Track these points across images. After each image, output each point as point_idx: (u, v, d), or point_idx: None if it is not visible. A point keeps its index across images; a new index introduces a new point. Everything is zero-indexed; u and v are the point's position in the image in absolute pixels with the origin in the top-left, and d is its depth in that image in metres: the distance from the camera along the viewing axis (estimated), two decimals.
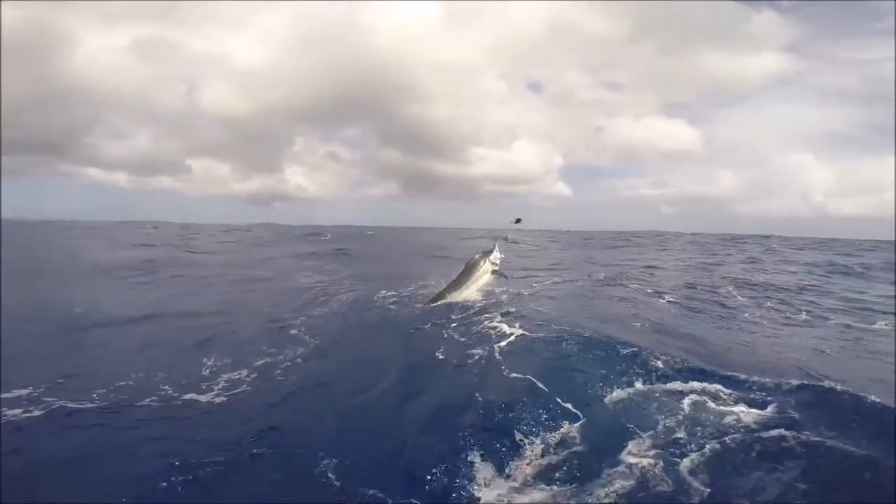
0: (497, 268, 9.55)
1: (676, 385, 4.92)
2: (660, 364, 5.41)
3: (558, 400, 4.70)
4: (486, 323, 7.29)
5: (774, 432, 4.01)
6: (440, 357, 6.03)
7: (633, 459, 3.62)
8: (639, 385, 4.91)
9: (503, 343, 6.23)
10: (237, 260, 20.04)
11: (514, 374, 5.31)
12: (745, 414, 4.31)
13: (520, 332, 6.81)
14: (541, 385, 5.03)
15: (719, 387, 4.90)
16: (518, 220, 10.15)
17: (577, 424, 4.28)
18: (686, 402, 4.56)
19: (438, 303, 9.15)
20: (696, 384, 4.91)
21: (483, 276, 9.50)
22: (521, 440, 4.09)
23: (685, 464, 3.59)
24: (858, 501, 3.33)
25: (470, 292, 9.48)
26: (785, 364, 6.23)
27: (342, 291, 11.57)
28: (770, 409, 4.41)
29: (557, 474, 3.56)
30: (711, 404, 4.51)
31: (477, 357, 5.90)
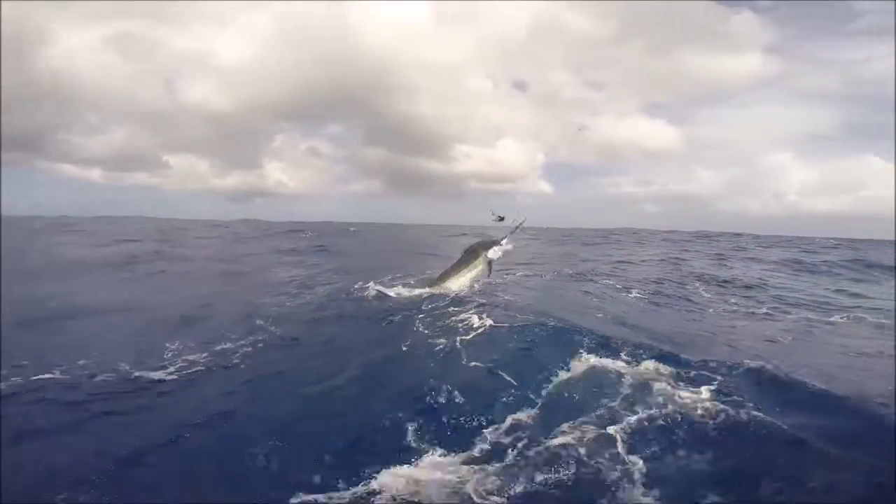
0: (493, 259, 9.69)
1: (628, 368, 5.20)
2: (616, 350, 5.69)
3: (513, 386, 4.93)
4: (455, 315, 7.52)
5: (714, 411, 4.32)
6: (404, 348, 6.20)
7: (575, 440, 3.87)
8: (592, 369, 5.17)
9: (469, 335, 6.44)
10: (216, 255, 19.92)
11: (473, 363, 5.51)
12: (690, 394, 4.61)
13: (489, 322, 7.04)
14: (498, 372, 5.25)
15: (671, 369, 5.21)
16: (501, 218, 10.21)
17: (527, 409, 4.50)
18: (634, 383, 4.84)
19: (431, 291, 9.34)
20: (648, 367, 5.22)
21: (479, 266, 9.68)
22: (469, 423, 4.30)
23: (624, 440, 3.85)
24: (786, 474, 3.63)
25: (464, 281, 9.68)
26: (737, 352, 6.59)
27: (319, 284, 11.68)
28: (713, 390, 4.72)
29: (503, 456, 3.76)
30: (661, 385, 4.79)
31: (441, 347, 6.09)
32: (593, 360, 5.38)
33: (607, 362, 5.33)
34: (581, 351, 5.61)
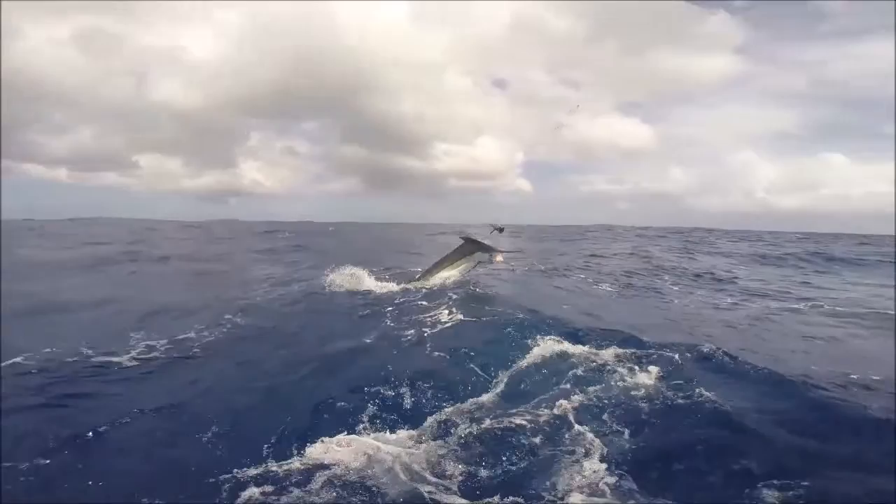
0: (483, 262, 9.98)
1: (587, 353, 5.44)
2: (579, 338, 5.92)
3: (474, 373, 5.10)
4: (426, 309, 7.68)
5: (661, 390, 4.57)
6: (368, 340, 6.34)
7: (530, 419, 4.05)
8: (553, 356, 5.38)
9: (437, 328, 6.60)
10: (189, 255, 19.65)
11: (437, 353, 5.66)
12: (643, 375, 4.86)
13: (459, 316, 7.21)
14: (461, 360, 5.43)
15: (628, 352, 5.47)
16: (501, 229, 10.33)
17: (486, 393, 4.65)
18: (591, 367, 5.07)
19: (411, 285, 9.51)
20: (606, 353, 5.45)
21: (469, 263, 9.97)
22: (426, 405, 4.45)
23: (576, 418, 4.04)
24: (721, 446, 3.87)
25: (454, 273, 9.92)
26: (695, 337, 6.87)
27: (294, 281, 11.70)
28: (665, 372, 4.98)
29: (458, 433, 3.89)
30: (616, 368, 5.03)
31: (407, 338, 6.23)
32: (555, 346, 5.57)
33: (568, 347, 5.54)
34: (544, 339, 5.80)
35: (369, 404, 4.41)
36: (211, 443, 3.95)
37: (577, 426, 3.91)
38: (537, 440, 3.76)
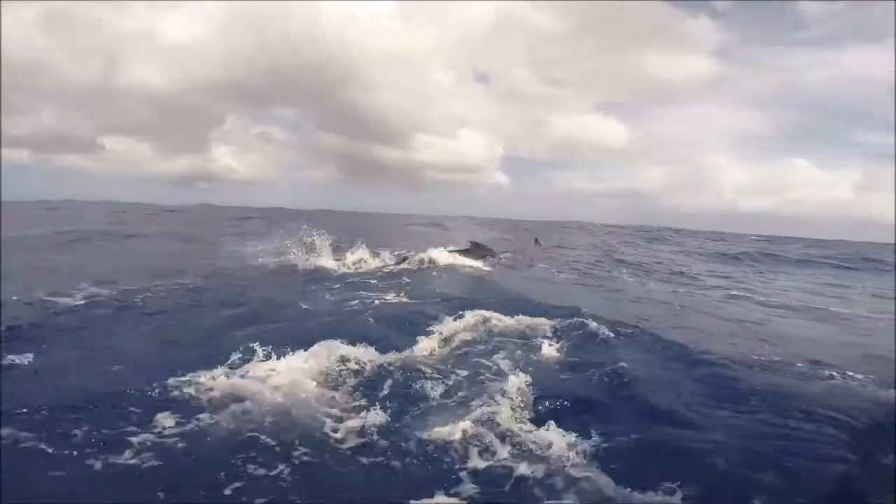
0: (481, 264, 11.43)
1: (506, 325, 6.06)
2: (507, 312, 6.46)
3: (387, 336, 5.51)
4: (374, 289, 8.20)
5: (576, 351, 5.32)
6: (305, 306, 6.94)
7: (435, 370, 4.64)
8: (471, 327, 5.98)
9: (376, 303, 7.14)
10: (162, 233, 19.61)
11: (371, 320, 6.22)
12: (563, 340, 5.56)
13: (404, 299, 7.72)
14: (382, 326, 5.97)
15: (559, 322, 6.17)
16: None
17: (396, 351, 5.04)
18: (512, 332, 5.78)
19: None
20: (529, 323, 6.12)
21: (473, 260, 11.44)
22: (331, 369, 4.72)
23: (489, 371, 4.65)
24: (613, 394, 4.43)
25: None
26: (629, 316, 7.51)
27: (260, 255, 12.01)
28: (582, 337, 5.71)
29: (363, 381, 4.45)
30: (534, 339, 5.69)
31: (342, 308, 6.81)
32: (475, 320, 6.09)
33: (496, 317, 6.17)
34: (476, 312, 6.33)
35: (289, 348, 4.72)
36: (126, 373, 4.40)
37: (486, 378, 4.45)
38: (449, 386, 4.31)
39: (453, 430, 3.45)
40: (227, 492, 2.86)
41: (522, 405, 3.93)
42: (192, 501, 2.79)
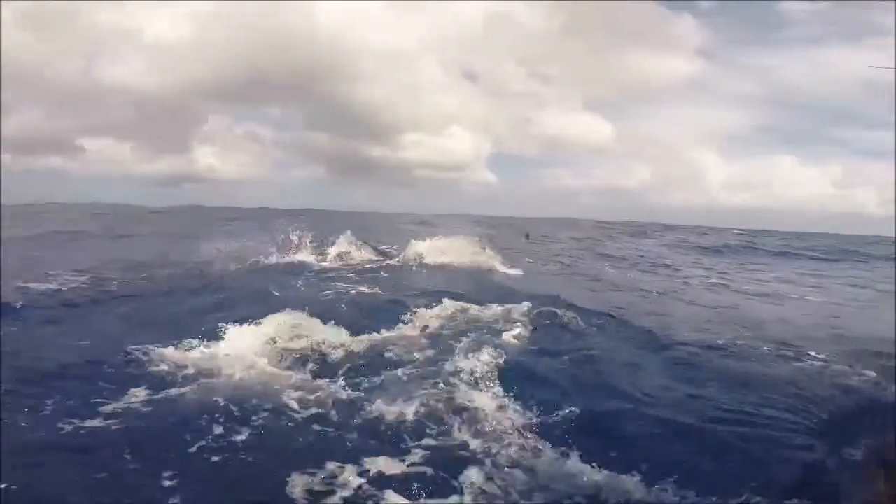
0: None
1: (482, 312, 6.20)
2: (479, 301, 6.63)
3: (359, 322, 5.61)
4: (349, 281, 8.28)
5: (547, 335, 5.54)
6: (277, 293, 7.11)
7: (404, 349, 4.81)
8: (456, 310, 6.13)
9: (350, 293, 7.26)
10: (147, 232, 19.47)
11: (344, 307, 6.38)
12: (519, 332, 5.63)
13: (377, 290, 7.75)
14: (354, 312, 6.13)
15: (535, 308, 6.30)
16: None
17: (365, 334, 5.23)
18: (483, 318, 5.95)
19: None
20: (513, 307, 6.29)
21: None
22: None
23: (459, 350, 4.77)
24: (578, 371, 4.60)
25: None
26: (602, 304, 7.66)
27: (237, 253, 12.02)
28: (552, 328, 5.87)
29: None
30: (514, 320, 5.90)
31: (315, 297, 6.91)
32: (450, 309, 6.23)
33: (472, 307, 6.31)
34: (446, 303, 6.41)
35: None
36: (97, 348, 4.67)
37: (449, 360, 4.54)
38: (405, 363, 4.51)
39: (409, 406, 3.54)
40: (191, 450, 3.05)
41: (482, 385, 4.03)
42: (158, 459, 2.93)
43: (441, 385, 3.93)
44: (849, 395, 4.38)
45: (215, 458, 3.00)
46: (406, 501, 2.65)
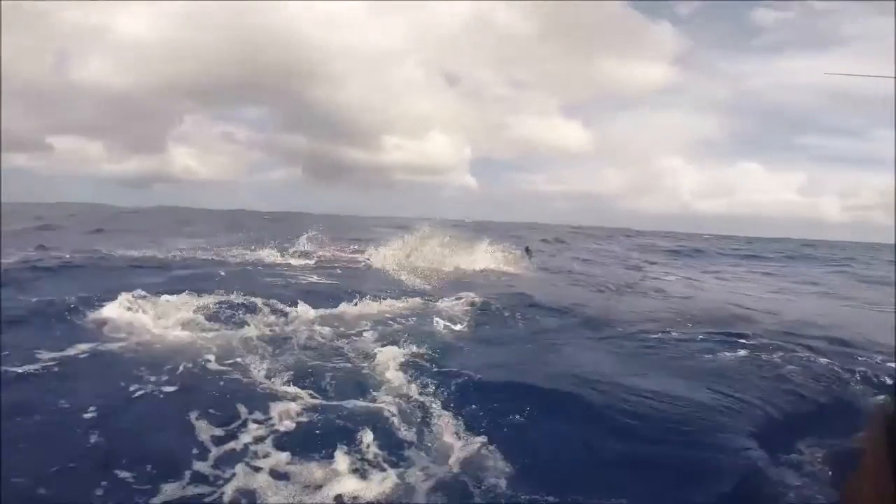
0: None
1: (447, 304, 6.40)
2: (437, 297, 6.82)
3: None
4: (303, 277, 8.45)
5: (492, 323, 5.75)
6: (223, 273, 7.77)
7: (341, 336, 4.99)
8: (417, 305, 6.27)
9: (301, 283, 7.60)
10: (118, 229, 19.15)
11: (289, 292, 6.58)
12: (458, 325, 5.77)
13: (328, 281, 8.08)
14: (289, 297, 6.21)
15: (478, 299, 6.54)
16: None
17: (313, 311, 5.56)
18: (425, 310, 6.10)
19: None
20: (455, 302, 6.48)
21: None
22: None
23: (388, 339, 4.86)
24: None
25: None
26: (558, 297, 7.88)
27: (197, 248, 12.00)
28: (497, 319, 6.07)
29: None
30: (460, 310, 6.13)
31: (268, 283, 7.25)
32: (404, 299, 6.48)
33: (421, 301, 6.51)
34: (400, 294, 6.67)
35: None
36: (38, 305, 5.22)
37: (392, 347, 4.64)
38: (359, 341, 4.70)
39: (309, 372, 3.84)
40: (114, 402, 3.36)
41: (395, 363, 4.18)
42: (86, 404, 3.25)
43: (357, 359, 4.21)
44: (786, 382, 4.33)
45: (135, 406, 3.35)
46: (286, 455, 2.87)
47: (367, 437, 3.06)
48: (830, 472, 2.95)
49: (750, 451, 3.16)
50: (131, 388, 3.53)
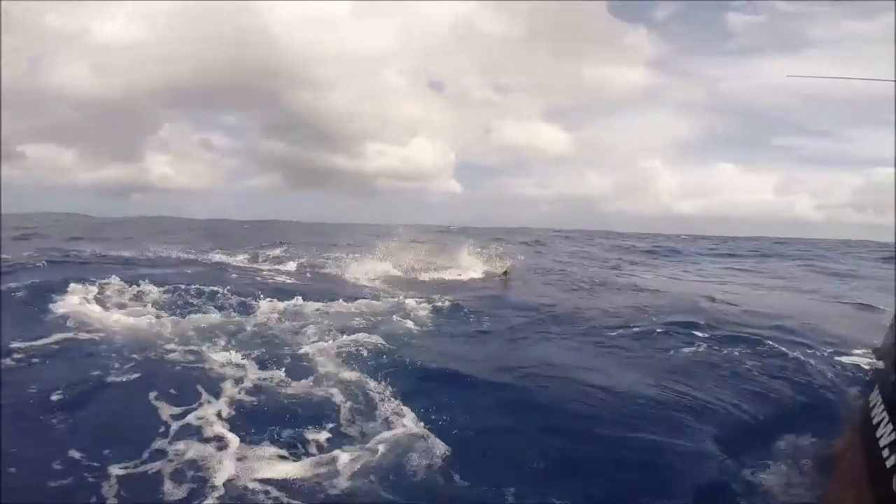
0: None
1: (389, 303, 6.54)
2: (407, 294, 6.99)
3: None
4: (273, 276, 8.61)
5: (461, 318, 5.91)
6: (189, 272, 7.96)
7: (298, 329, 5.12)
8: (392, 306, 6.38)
9: (269, 282, 7.79)
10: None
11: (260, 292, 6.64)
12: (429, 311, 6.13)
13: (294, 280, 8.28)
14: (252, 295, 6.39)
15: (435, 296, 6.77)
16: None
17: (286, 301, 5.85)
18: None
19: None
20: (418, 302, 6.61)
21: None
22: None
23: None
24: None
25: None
26: (533, 295, 8.05)
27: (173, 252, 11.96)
28: (467, 317, 6.22)
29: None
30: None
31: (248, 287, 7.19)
32: (371, 300, 6.58)
33: (390, 301, 6.64)
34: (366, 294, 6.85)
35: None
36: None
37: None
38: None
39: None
40: (75, 384, 3.58)
41: (339, 353, 4.37)
42: (57, 378, 3.58)
43: (313, 350, 4.39)
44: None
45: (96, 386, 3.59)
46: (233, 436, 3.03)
47: (312, 420, 3.24)
48: (802, 477, 2.88)
49: (711, 451, 3.15)
50: (92, 374, 3.74)
